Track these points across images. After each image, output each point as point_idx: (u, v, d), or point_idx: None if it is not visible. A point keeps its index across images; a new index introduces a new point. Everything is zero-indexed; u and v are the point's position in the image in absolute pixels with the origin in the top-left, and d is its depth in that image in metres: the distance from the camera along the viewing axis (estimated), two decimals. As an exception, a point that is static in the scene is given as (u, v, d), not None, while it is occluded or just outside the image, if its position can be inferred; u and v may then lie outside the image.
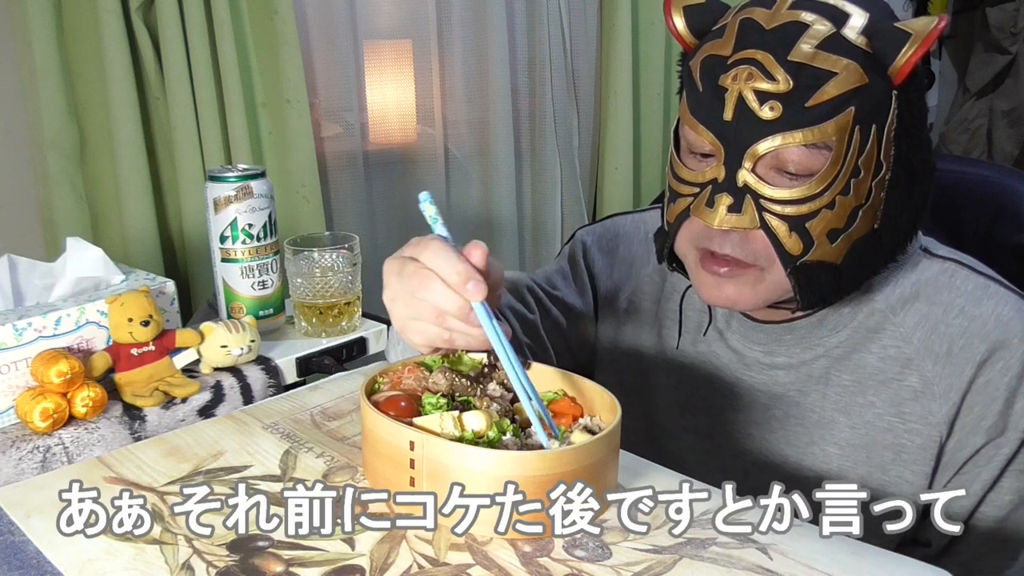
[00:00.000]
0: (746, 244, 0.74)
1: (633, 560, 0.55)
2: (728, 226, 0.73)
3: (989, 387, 0.76)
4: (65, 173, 1.43)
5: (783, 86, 0.70)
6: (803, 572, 0.53)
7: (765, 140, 0.71)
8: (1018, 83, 2.86)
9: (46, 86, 1.38)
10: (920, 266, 0.82)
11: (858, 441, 0.80)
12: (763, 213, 0.73)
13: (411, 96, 1.91)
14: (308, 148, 1.62)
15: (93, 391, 0.82)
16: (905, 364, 0.79)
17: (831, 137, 0.70)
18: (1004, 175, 1.01)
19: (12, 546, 0.57)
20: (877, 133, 0.72)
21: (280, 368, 0.99)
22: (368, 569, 0.54)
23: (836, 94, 0.70)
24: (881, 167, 0.73)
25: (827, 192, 0.71)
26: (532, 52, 2.01)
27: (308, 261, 1.04)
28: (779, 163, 0.72)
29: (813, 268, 0.74)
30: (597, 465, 0.58)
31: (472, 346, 0.68)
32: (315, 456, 0.68)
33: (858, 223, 0.73)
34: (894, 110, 0.72)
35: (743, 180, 0.72)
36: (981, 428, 0.76)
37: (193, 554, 0.56)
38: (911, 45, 0.69)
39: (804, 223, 0.72)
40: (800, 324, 0.82)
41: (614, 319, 0.96)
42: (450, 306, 0.65)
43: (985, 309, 0.78)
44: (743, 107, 0.71)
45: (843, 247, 0.74)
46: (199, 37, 1.45)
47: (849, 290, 0.78)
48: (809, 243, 0.73)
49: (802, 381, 0.83)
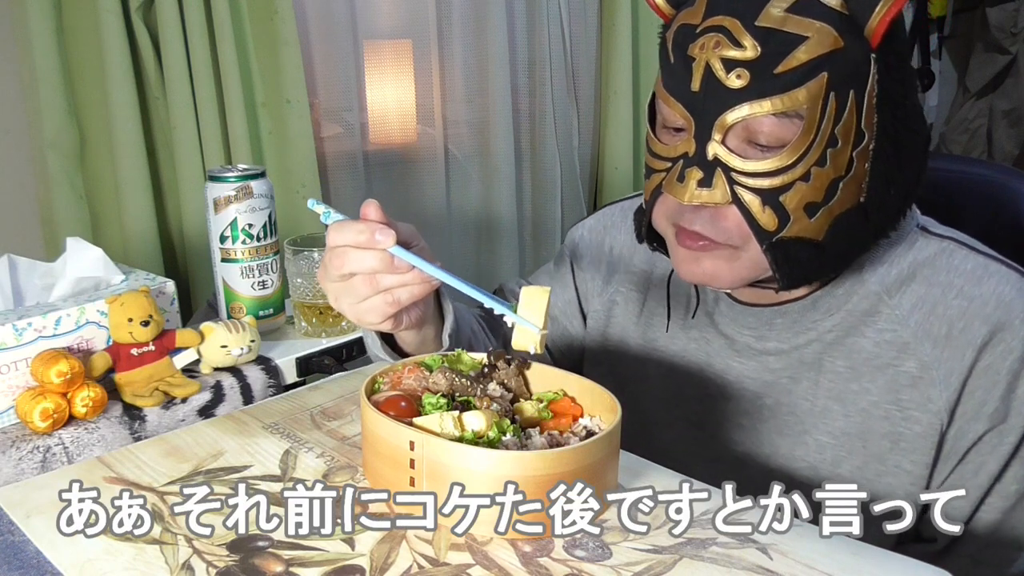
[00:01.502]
0: (718, 222, 0.72)
1: (633, 560, 0.55)
2: (699, 201, 0.70)
3: (990, 371, 0.73)
4: (65, 173, 1.43)
5: (751, 53, 0.67)
6: (803, 572, 0.53)
7: (733, 110, 0.68)
8: (1018, 83, 2.86)
9: (46, 86, 1.38)
10: (917, 245, 0.79)
11: (853, 430, 0.78)
12: (734, 187, 0.70)
13: (411, 96, 1.91)
14: (308, 148, 1.62)
15: (93, 391, 0.82)
16: (902, 349, 0.76)
17: (802, 105, 0.67)
18: (1004, 175, 1.01)
19: (12, 546, 0.57)
20: (856, 100, 0.68)
21: (280, 368, 0.99)
22: (368, 569, 0.54)
23: (807, 59, 0.67)
24: (863, 136, 0.69)
25: (800, 163, 0.68)
26: (532, 52, 2.01)
27: (308, 261, 1.04)
28: (750, 134, 0.69)
29: (791, 244, 0.71)
30: (597, 465, 0.58)
31: (416, 293, 0.72)
32: (315, 456, 0.68)
33: (839, 196, 0.70)
34: (874, 75, 0.69)
35: (713, 153, 0.70)
36: (983, 414, 0.74)
37: (193, 554, 0.56)
38: (885, 3, 0.66)
39: (778, 196, 0.69)
40: (792, 307, 0.80)
41: (603, 313, 0.95)
42: (372, 262, 0.70)
43: (985, 289, 0.75)
44: (710, 77, 0.69)
45: (824, 222, 0.71)
46: (199, 37, 1.45)
47: (836, 268, 0.75)
48: (785, 218, 0.70)
49: (794, 368, 0.81)
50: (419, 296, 0.72)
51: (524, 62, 2.01)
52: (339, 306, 0.74)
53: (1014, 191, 0.98)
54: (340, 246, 0.70)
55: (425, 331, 0.81)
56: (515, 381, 0.69)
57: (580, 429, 0.65)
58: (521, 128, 2.04)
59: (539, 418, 0.66)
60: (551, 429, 0.65)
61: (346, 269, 0.70)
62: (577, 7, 2.04)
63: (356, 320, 0.74)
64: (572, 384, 0.69)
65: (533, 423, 0.65)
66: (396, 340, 0.82)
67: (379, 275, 0.70)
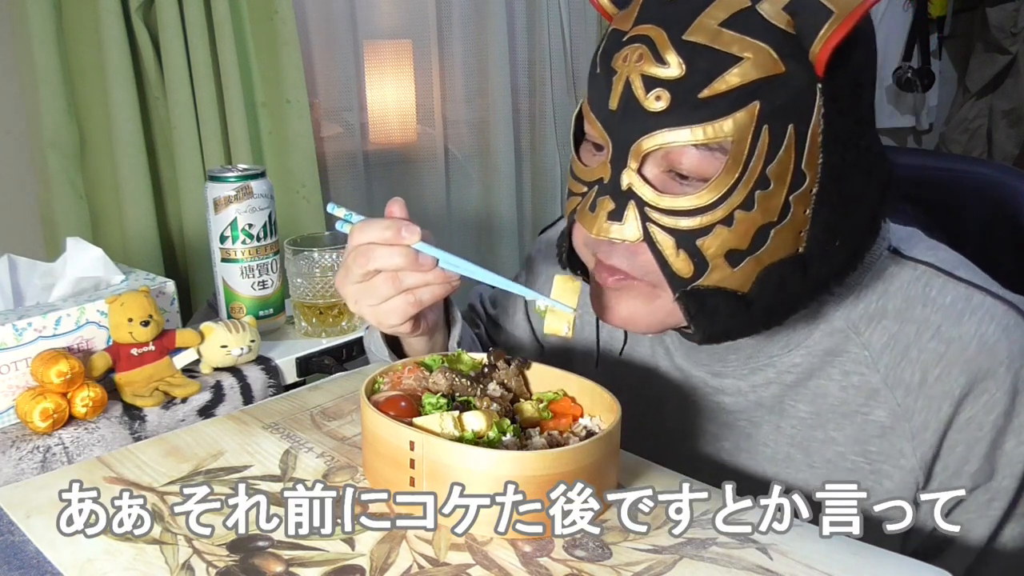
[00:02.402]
0: (635, 257, 0.64)
1: (633, 560, 0.55)
2: (607, 236, 0.63)
3: (971, 426, 0.65)
4: (65, 173, 1.43)
5: (675, 71, 0.58)
6: (803, 572, 0.53)
7: (649, 136, 0.59)
8: (1018, 83, 2.86)
9: (46, 86, 1.38)
10: (888, 272, 0.69)
11: (818, 483, 0.67)
12: (647, 224, 0.61)
13: (411, 96, 1.91)
14: (308, 148, 1.62)
15: (93, 391, 0.82)
16: (871, 395, 0.68)
17: (727, 137, 0.58)
18: (1004, 174, 1.01)
19: (12, 546, 0.57)
20: (796, 136, 0.59)
21: (280, 368, 0.99)
22: (368, 569, 0.54)
23: (738, 84, 0.57)
24: (802, 178, 0.60)
25: (722, 205, 0.59)
26: (532, 52, 2.01)
27: (308, 261, 1.04)
28: (670, 164, 0.61)
29: (708, 295, 0.62)
30: (597, 465, 0.58)
31: (437, 293, 0.70)
32: (315, 456, 0.68)
33: (770, 245, 0.61)
34: (819, 108, 0.59)
35: (628, 182, 0.61)
36: (964, 473, 0.66)
37: (193, 554, 0.56)
38: (832, 24, 0.56)
39: (694, 240, 0.60)
40: (745, 342, 0.71)
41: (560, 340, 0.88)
42: (397, 259, 0.68)
43: (966, 329, 0.65)
44: (629, 95, 0.60)
45: (751, 272, 0.62)
46: (199, 37, 1.45)
47: (765, 324, 0.66)
48: (702, 264, 0.61)
49: (752, 410, 0.73)
50: (440, 296, 0.71)
51: (524, 62, 2.01)
52: (359, 309, 0.72)
53: (1014, 191, 0.98)
54: (365, 243, 0.69)
55: (435, 338, 0.81)
56: (515, 381, 0.69)
57: (580, 429, 0.65)
58: (521, 128, 2.04)
59: (539, 418, 0.66)
60: (551, 429, 0.65)
61: (371, 266, 0.69)
62: (577, 7, 2.04)
63: (376, 322, 0.73)
64: (572, 384, 0.69)
65: (533, 423, 0.65)
66: (403, 347, 0.82)
67: (402, 273, 0.69)
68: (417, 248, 0.68)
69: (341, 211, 0.73)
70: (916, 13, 2.83)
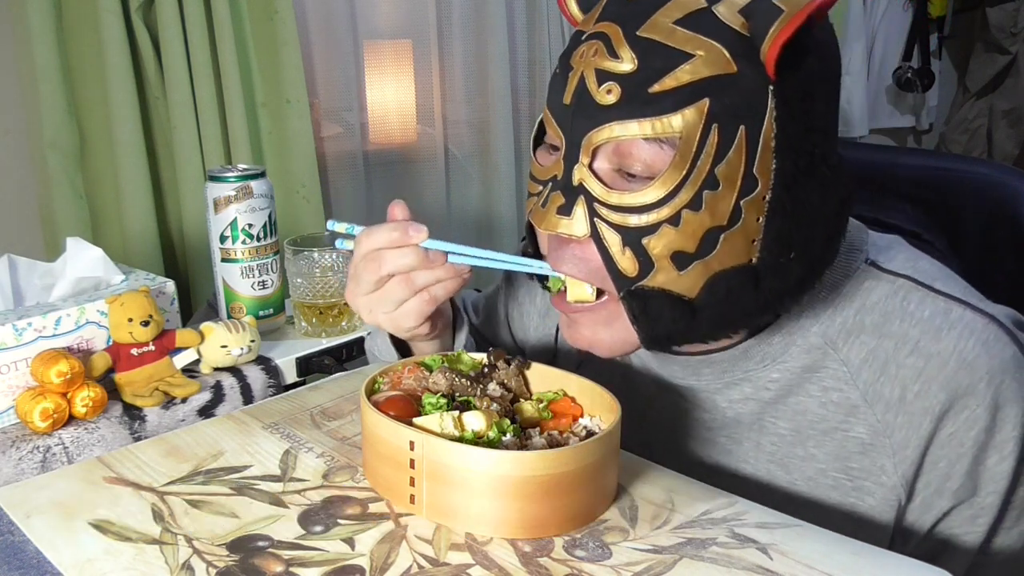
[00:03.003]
0: (584, 262, 0.63)
1: (633, 560, 0.55)
2: (556, 230, 0.62)
3: (953, 442, 0.64)
4: (65, 173, 1.43)
5: (627, 66, 0.58)
6: (803, 572, 0.53)
7: (599, 130, 0.60)
8: (1018, 83, 2.86)
9: (46, 86, 1.38)
10: (865, 287, 0.68)
11: (800, 500, 0.70)
12: (595, 219, 0.61)
13: (411, 96, 1.91)
14: (308, 148, 1.62)
15: (93, 391, 0.82)
16: (850, 411, 0.67)
17: (675, 133, 0.58)
18: (1004, 174, 1.01)
19: (12, 546, 0.57)
20: (747, 138, 0.58)
21: (280, 368, 0.99)
22: (368, 569, 0.54)
23: (688, 81, 0.57)
24: (754, 184, 0.59)
25: (669, 203, 0.59)
26: (532, 52, 2.01)
27: (308, 261, 1.04)
28: (621, 160, 0.61)
29: (652, 296, 0.61)
30: (597, 465, 0.58)
31: (451, 288, 0.70)
32: (315, 456, 0.68)
33: (720, 251, 0.60)
34: (771, 112, 0.58)
35: (579, 178, 0.61)
36: (947, 490, 0.65)
37: (193, 554, 0.56)
38: (781, 22, 0.55)
39: (640, 239, 0.60)
40: (720, 356, 0.70)
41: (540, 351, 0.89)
42: (408, 259, 0.68)
43: (944, 345, 0.64)
44: (582, 89, 0.60)
45: (698, 278, 0.61)
46: (199, 37, 1.45)
47: (712, 334, 0.65)
48: (647, 264, 0.60)
49: (731, 427, 0.72)
50: (453, 291, 0.71)
51: (524, 62, 2.01)
52: (374, 318, 0.72)
53: (1014, 191, 0.98)
54: (373, 250, 0.69)
55: (444, 339, 0.81)
56: (515, 381, 0.69)
57: (580, 429, 0.65)
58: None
59: (539, 418, 0.66)
60: (551, 429, 0.65)
61: (383, 271, 0.69)
62: (577, 7, 2.04)
63: (395, 328, 0.72)
64: (572, 384, 0.69)
65: (533, 423, 0.65)
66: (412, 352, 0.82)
67: (415, 273, 0.69)
68: (425, 246, 0.69)
69: (342, 226, 0.73)
70: (916, 13, 2.83)
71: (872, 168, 0.83)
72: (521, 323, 0.93)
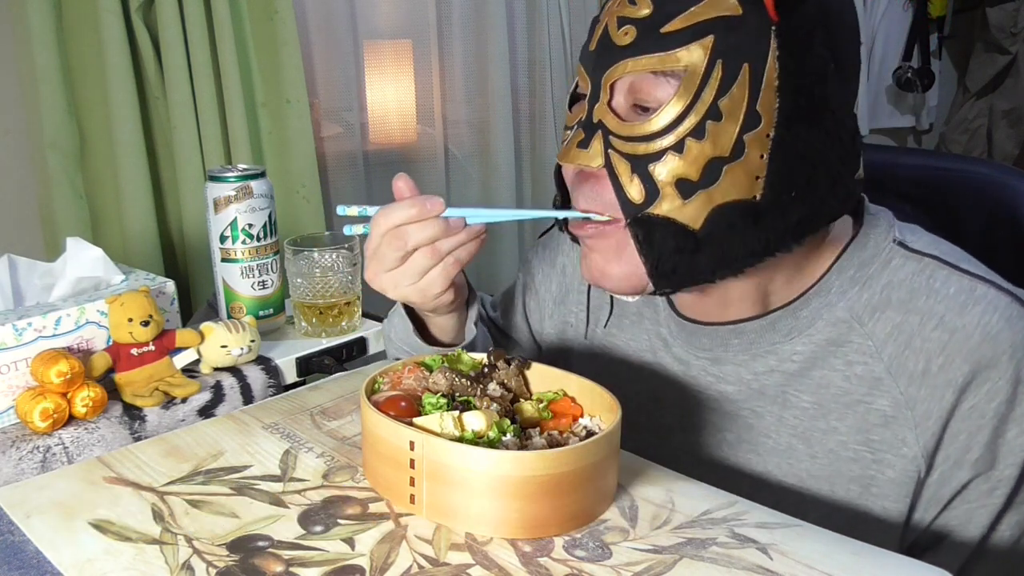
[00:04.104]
0: (599, 194, 0.68)
1: (633, 560, 0.55)
2: (574, 163, 0.68)
3: (974, 414, 0.66)
4: (65, 173, 1.43)
5: (644, 10, 0.64)
6: (803, 572, 0.53)
7: (615, 67, 0.65)
8: (1018, 83, 2.86)
9: (46, 86, 1.38)
10: (892, 265, 0.71)
11: (820, 472, 0.71)
12: (608, 151, 0.66)
13: (411, 96, 1.91)
14: (308, 148, 1.62)
15: (93, 391, 0.82)
16: (874, 384, 0.69)
17: (680, 65, 0.63)
18: (1004, 174, 1.01)
19: (12, 546, 0.57)
20: (750, 75, 0.62)
21: (280, 368, 0.99)
22: (368, 569, 0.54)
23: (696, 21, 0.63)
24: (756, 119, 0.63)
25: (674, 130, 0.63)
26: (532, 52, 2.01)
27: (308, 261, 1.04)
28: (635, 95, 0.66)
29: (658, 223, 0.65)
30: (597, 465, 0.58)
31: (473, 250, 0.72)
32: (315, 456, 0.68)
33: (723, 182, 0.63)
34: (774, 51, 0.62)
35: (599, 116, 0.66)
36: (966, 461, 0.67)
37: (193, 554, 0.56)
38: None
39: (647, 165, 0.64)
40: (748, 326, 0.73)
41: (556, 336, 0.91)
42: (431, 230, 0.70)
43: (969, 319, 0.66)
44: (605, 35, 0.67)
45: (701, 208, 0.64)
46: (199, 37, 1.45)
47: (714, 270, 0.67)
48: (653, 191, 0.64)
49: (755, 400, 0.74)
50: (475, 252, 0.73)
51: (524, 62, 2.01)
52: (398, 293, 0.74)
53: (1014, 191, 0.98)
54: (394, 227, 0.70)
55: (460, 313, 0.83)
56: (515, 381, 0.69)
57: (580, 429, 0.65)
58: (521, 128, 2.05)
59: (539, 418, 0.66)
60: (551, 429, 0.65)
61: (410, 245, 0.70)
62: (577, 7, 2.04)
63: (422, 298, 0.74)
64: (572, 384, 0.69)
65: (533, 423, 0.65)
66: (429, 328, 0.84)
67: (440, 242, 0.70)
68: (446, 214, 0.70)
69: (354, 209, 0.73)
70: (916, 13, 2.83)
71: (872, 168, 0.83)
72: (538, 313, 0.95)
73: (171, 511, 0.60)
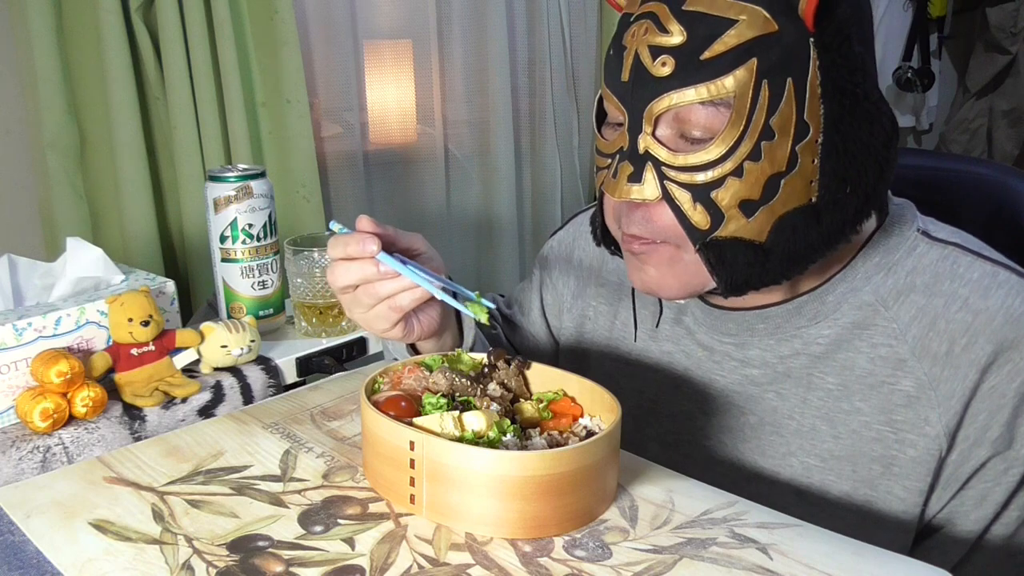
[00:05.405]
0: (651, 222, 0.68)
1: (633, 560, 0.55)
2: (628, 198, 0.67)
3: (995, 394, 0.67)
4: (65, 173, 1.43)
5: (677, 39, 0.64)
6: (803, 572, 0.53)
7: (659, 100, 0.65)
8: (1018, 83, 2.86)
9: (46, 86, 1.38)
10: (917, 252, 0.73)
11: (842, 452, 0.72)
12: (664, 182, 0.66)
13: (411, 96, 1.91)
14: (308, 148, 1.62)
15: (93, 391, 0.82)
16: (898, 366, 0.70)
17: (730, 93, 0.63)
18: (1004, 174, 1.01)
19: (12, 546, 0.57)
20: (795, 88, 0.63)
21: (280, 368, 0.99)
22: (368, 569, 0.54)
23: (735, 44, 0.62)
24: (806, 129, 0.64)
25: (731, 157, 0.64)
26: (532, 52, 2.01)
27: (308, 261, 1.04)
28: (681, 125, 0.66)
29: (727, 245, 0.66)
30: (597, 465, 0.58)
31: (418, 296, 0.73)
32: (315, 456, 0.68)
33: (782, 195, 0.65)
34: (814, 61, 0.63)
35: (644, 146, 0.66)
36: (986, 440, 0.68)
37: (193, 554, 0.56)
38: None
39: (709, 192, 0.65)
40: (774, 311, 0.75)
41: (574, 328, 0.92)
42: (359, 272, 0.71)
43: (992, 302, 0.68)
44: (638, 66, 0.66)
45: (765, 222, 0.66)
46: (199, 37, 1.45)
47: (784, 273, 0.69)
48: (718, 216, 0.65)
49: (779, 382, 0.75)
50: (421, 299, 0.72)
51: (524, 62, 2.01)
52: (352, 316, 0.76)
53: (1014, 191, 0.98)
54: (335, 260, 0.72)
55: (443, 340, 0.82)
56: (515, 381, 0.69)
57: (580, 429, 0.65)
58: (521, 128, 2.04)
59: (539, 418, 0.66)
60: (551, 429, 0.65)
61: (340, 282, 0.72)
62: (577, 7, 2.04)
63: (368, 329, 0.76)
64: (572, 384, 0.69)
65: (533, 423, 0.65)
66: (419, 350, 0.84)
67: (378, 284, 0.71)
68: (379, 259, 0.70)
69: (337, 227, 0.75)
70: (916, 13, 2.82)
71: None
72: (556, 307, 0.95)
73: (171, 511, 0.60)
